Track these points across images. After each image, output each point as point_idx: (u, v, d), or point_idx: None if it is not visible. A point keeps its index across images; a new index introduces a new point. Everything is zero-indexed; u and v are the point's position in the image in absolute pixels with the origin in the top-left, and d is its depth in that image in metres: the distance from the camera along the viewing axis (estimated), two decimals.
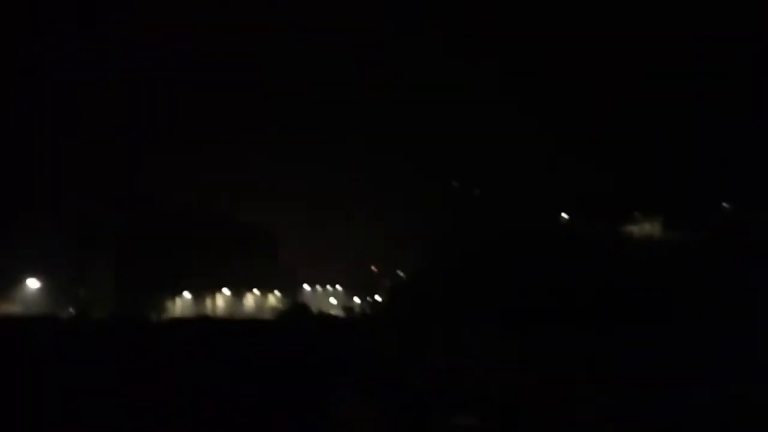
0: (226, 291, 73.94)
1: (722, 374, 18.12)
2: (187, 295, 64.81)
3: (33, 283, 52.79)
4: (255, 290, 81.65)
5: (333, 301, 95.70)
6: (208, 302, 69.43)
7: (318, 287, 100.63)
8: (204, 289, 68.17)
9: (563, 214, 71.13)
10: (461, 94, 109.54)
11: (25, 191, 53.64)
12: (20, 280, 52.19)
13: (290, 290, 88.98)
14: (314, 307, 61.05)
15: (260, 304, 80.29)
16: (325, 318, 48.76)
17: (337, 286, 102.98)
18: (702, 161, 62.66)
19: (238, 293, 76.92)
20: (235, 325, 37.75)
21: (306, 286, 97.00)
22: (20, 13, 71.40)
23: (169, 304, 59.37)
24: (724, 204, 64.31)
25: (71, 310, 46.64)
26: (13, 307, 48.73)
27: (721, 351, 22.22)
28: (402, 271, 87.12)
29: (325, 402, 15.84)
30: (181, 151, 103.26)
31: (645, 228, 65.11)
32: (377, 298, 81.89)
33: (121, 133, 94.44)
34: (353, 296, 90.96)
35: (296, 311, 51.74)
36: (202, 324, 36.13)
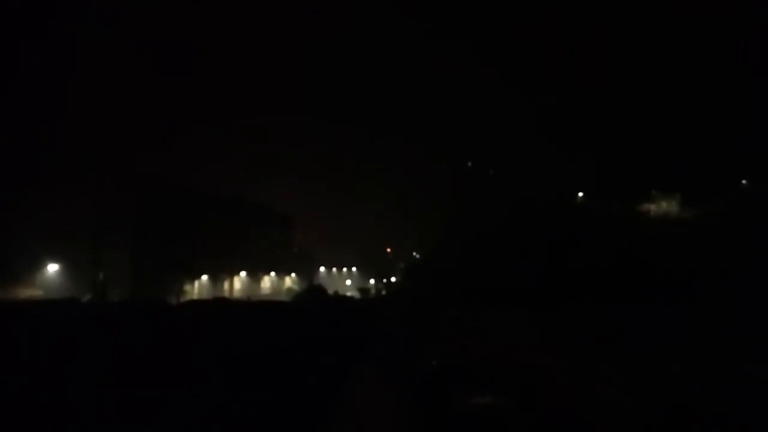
0: (242, 274, 74.34)
1: (740, 350, 17.99)
2: (204, 277, 65.21)
3: (52, 267, 53.24)
4: (272, 273, 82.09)
5: (348, 282, 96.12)
6: (225, 285, 69.81)
7: (334, 269, 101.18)
8: (221, 271, 68.54)
9: (579, 194, 70.79)
10: (478, 78, 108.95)
11: (42, 175, 53.85)
12: (39, 265, 52.60)
13: (306, 272, 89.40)
14: (330, 288, 61.27)
15: (277, 287, 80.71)
16: (340, 299, 48.91)
17: (353, 269, 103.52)
18: (720, 138, 61.89)
19: (254, 276, 77.32)
20: (252, 307, 37.87)
21: (322, 269, 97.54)
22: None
23: (186, 286, 59.65)
24: (743, 181, 63.57)
25: (90, 293, 46.96)
26: (34, 292, 49.10)
27: (740, 326, 22.06)
28: (417, 253, 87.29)
29: (344, 382, 15.93)
30: (199, 132, 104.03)
31: (662, 206, 64.62)
32: (392, 279, 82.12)
33: (137, 115, 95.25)
34: (368, 278, 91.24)
35: (312, 293, 52.00)
36: (219, 305, 36.28)
